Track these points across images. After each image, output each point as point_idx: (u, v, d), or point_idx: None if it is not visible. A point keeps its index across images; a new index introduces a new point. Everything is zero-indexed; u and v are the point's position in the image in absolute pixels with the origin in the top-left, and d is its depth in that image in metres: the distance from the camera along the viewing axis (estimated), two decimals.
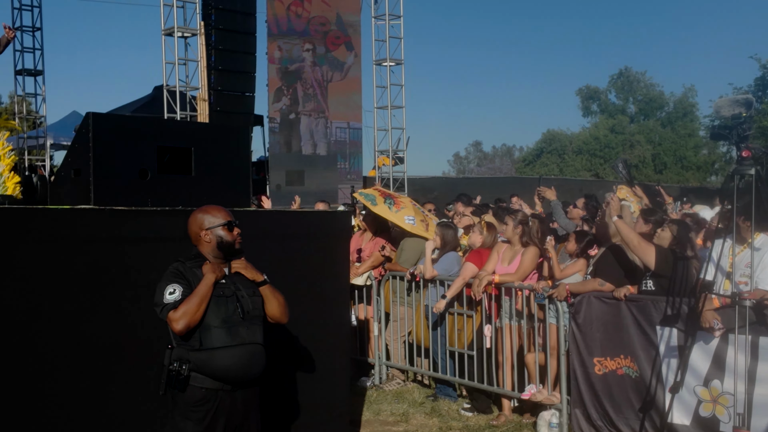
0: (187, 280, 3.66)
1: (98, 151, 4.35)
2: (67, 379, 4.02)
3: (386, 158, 19.13)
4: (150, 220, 4.39)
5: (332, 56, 17.90)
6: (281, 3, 17.00)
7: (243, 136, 5.26)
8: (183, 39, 14.75)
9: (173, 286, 3.62)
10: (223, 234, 3.76)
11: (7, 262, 3.86)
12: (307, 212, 6.40)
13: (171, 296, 3.59)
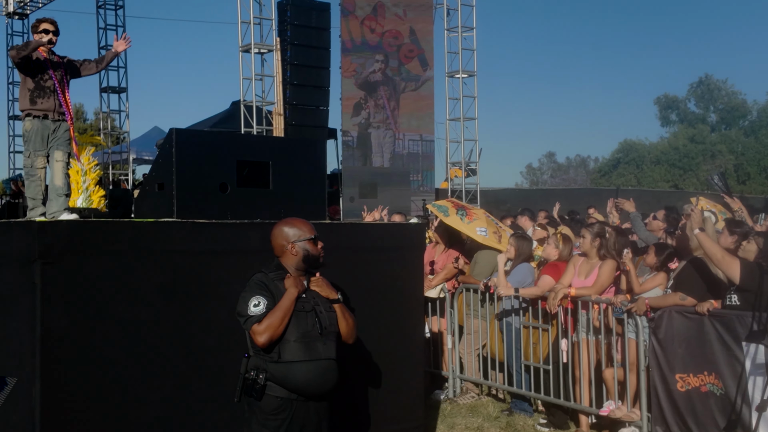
0: (270, 293, 3.70)
1: (181, 166, 4.49)
2: (146, 385, 4.15)
3: (458, 170, 19.08)
4: (229, 232, 4.51)
5: (405, 69, 18.00)
6: (356, 18, 17.20)
7: (319, 149, 5.35)
8: (260, 55, 15.07)
9: (258, 299, 3.67)
10: (309, 247, 3.81)
11: (94, 272, 4.02)
12: (381, 225, 6.45)
13: (255, 308, 3.64)
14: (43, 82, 6.01)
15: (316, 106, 16.44)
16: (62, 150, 6.03)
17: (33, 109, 5.99)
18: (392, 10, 17.75)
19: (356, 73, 17.31)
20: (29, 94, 6.01)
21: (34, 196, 5.96)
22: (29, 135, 6.00)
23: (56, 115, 6.06)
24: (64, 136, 6.09)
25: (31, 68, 6.00)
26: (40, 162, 5.97)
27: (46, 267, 3.83)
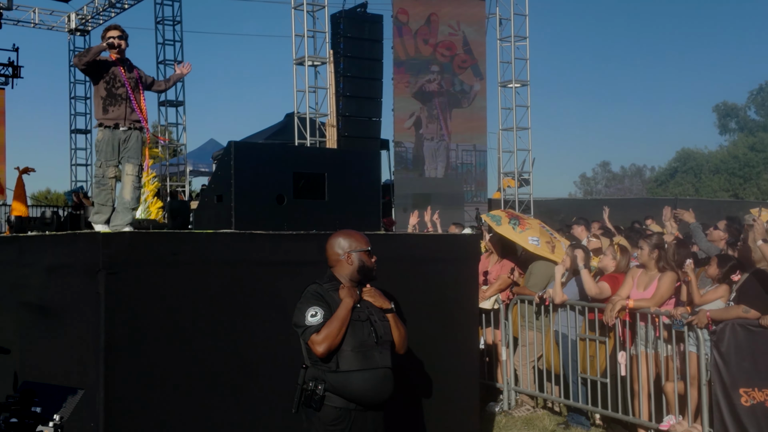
0: (326, 303, 3.75)
1: (239, 178, 4.57)
2: (204, 395, 4.21)
3: (511, 180, 18.96)
4: (286, 243, 4.56)
5: (459, 80, 17.99)
6: (409, 30, 17.26)
7: (374, 161, 5.38)
8: (313, 67, 15.24)
9: (315, 309, 3.71)
10: (364, 259, 3.85)
11: (155, 282, 4.11)
12: (435, 236, 6.45)
13: (313, 319, 3.68)
14: (114, 90, 5.92)
15: (369, 118, 16.54)
16: (133, 163, 5.95)
17: (105, 119, 5.94)
18: (446, 21, 17.77)
19: (410, 84, 17.35)
20: (102, 102, 5.95)
21: (104, 203, 5.89)
22: (100, 145, 5.94)
23: (127, 123, 5.96)
24: (135, 147, 6.00)
25: (101, 75, 5.93)
26: (111, 172, 5.90)
27: (109, 277, 3.93)
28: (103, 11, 21.93)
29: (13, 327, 4.88)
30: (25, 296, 4.73)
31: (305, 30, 14.94)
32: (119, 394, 3.96)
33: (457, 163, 18.06)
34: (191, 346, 4.18)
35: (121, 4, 21.32)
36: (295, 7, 14.99)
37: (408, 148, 17.41)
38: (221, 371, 4.28)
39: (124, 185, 5.98)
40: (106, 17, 22.17)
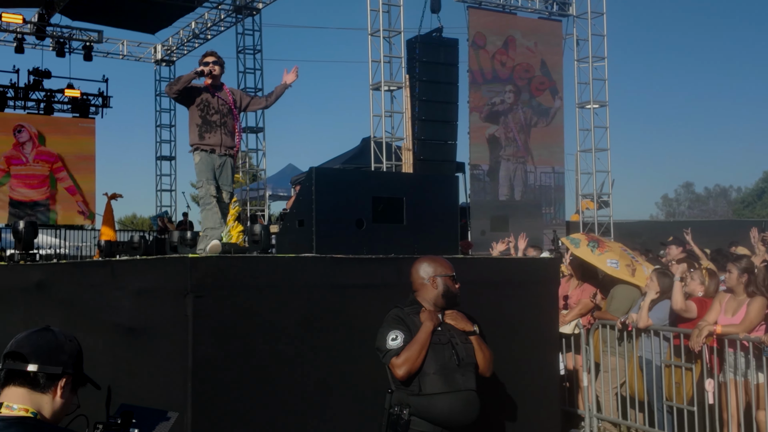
0: (407, 327, 3.80)
1: (320, 203, 4.66)
2: (287, 417, 4.28)
3: (590, 202, 18.63)
4: (366, 267, 4.62)
5: (537, 102, 17.88)
6: (486, 52, 17.26)
7: (451, 184, 5.41)
8: (389, 92, 15.40)
9: (395, 333, 3.77)
10: (449, 284, 3.89)
11: (240, 305, 4.22)
12: (514, 259, 6.41)
13: (393, 342, 3.74)
14: (208, 117, 5.97)
15: (444, 141, 16.58)
16: (226, 191, 6.03)
17: (201, 144, 5.99)
18: (523, 42, 17.71)
19: (487, 107, 17.33)
20: (197, 129, 5.99)
21: (212, 225, 5.92)
22: (199, 166, 5.98)
23: (223, 149, 6.01)
24: (227, 174, 6.05)
25: (194, 101, 5.98)
26: (213, 190, 5.94)
27: (197, 300, 4.06)
28: (188, 42, 22.75)
29: (105, 348, 5.07)
30: (116, 318, 4.92)
31: (381, 56, 15.13)
32: (206, 415, 4.06)
33: (535, 185, 17.89)
34: (274, 368, 4.27)
35: (204, 35, 22.08)
36: (371, 33, 15.21)
37: (485, 170, 17.34)
38: (304, 393, 4.35)
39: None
40: (190, 48, 23.01)
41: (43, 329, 2.41)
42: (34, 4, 19.59)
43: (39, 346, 2.33)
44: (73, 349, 2.40)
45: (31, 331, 2.39)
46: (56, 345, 2.35)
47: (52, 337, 2.37)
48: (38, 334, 2.38)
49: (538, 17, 18.58)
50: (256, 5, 20.38)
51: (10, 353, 2.33)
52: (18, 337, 2.38)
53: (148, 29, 22.42)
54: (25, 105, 21.49)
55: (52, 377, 2.31)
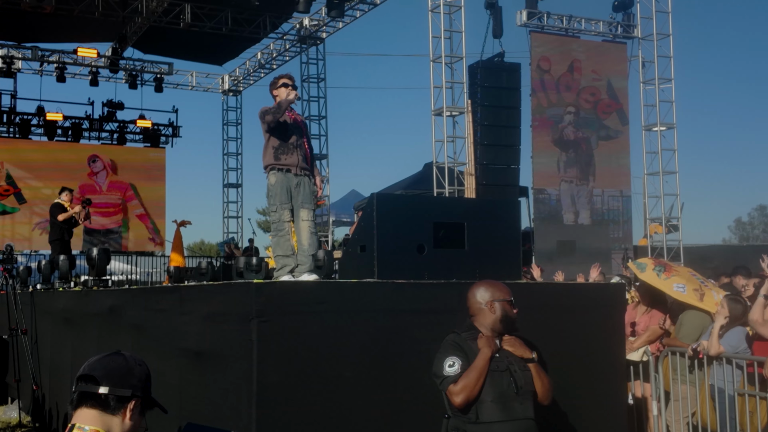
0: (464, 353, 3.75)
1: (381, 229, 4.70)
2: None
3: (659, 226, 18.22)
4: (427, 292, 4.63)
5: (604, 125, 17.67)
6: (551, 76, 17.17)
7: (513, 209, 5.38)
8: (451, 118, 15.45)
9: (452, 359, 3.72)
10: (507, 309, 3.85)
11: (303, 330, 4.27)
12: (578, 284, 6.32)
13: (450, 369, 3.69)
14: (286, 139, 5.95)
15: (507, 165, 16.49)
16: (307, 208, 5.91)
17: (276, 164, 5.94)
18: (589, 67, 17.56)
19: (552, 131, 17.20)
20: (273, 151, 5.96)
21: (285, 253, 5.86)
22: (274, 189, 5.91)
23: (298, 170, 5.95)
24: (307, 192, 5.96)
25: (276, 127, 5.96)
26: (286, 215, 5.87)
27: (262, 325, 4.13)
28: (254, 72, 23.31)
29: (173, 371, 5.20)
30: (184, 343, 5.04)
31: (443, 81, 15.20)
32: None
33: (603, 209, 17.61)
34: (337, 393, 4.30)
35: (269, 65, 22.59)
36: (433, 59, 15.31)
37: (551, 194, 17.17)
38: (366, 418, 4.36)
39: (301, 231, 5.94)
40: (256, 78, 23.56)
41: (115, 353, 2.50)
42: (108, 38, 20.40)
43: (110, 369, 2.42)
44: (143, 373, 2.48)
45: (103, 355, 2.49)
46: (127, 369, 2.44)
47: (123, 361, 2.46)
48: (110, 358, 2.47)
49: (602, 40, 18.41)
50: (319, 35, 20.78)
51: (83, 376, 2.43)
52: (91, 361, 2.47)
53: (216, 61, 23.08)
54: (99, 136, 22.34)
55: (122, 400, 2.39)
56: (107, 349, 2.56)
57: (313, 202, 6.04)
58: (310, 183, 6.02)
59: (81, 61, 20.70)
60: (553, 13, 17.63)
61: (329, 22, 20.03)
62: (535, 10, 17.14)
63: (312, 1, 15.73)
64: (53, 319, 8.68)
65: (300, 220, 5.95)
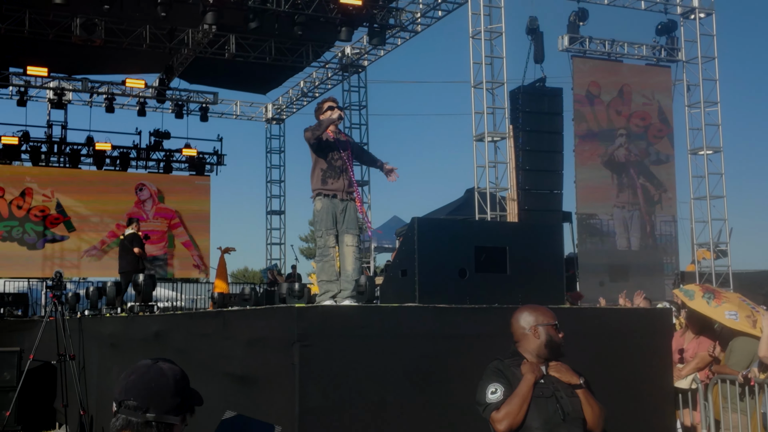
0: (507, 379, 3.68)
1: (422, 253, 4.70)
2: None
3: (706, 252, 17.85)
4: (469, 317, 4.61)
5: (654, 149, 17.48)
6: (601, 101, 17.04)
7: (555, 233, 5.34)
8: (493, 143, 15.42)
9: (495, 386, 3.66)
10: (551, 333, 3.78)
11: (345, 355, 4.28)
12: (623, 309, 6.22)
13: (493, 396, 3.64)
14: (333, 162, 6.00)
15: (550, 190, 16.38)
16: (353, 234, 5.94)
17: (323, 189, 5.99)
18: (639, 90, 17.42)
19: (601, 155, 17.05)
20: (321, 174, 6.00)
21: (329, 278, 5.89)
22: (320, 215, 5.96)
23: (344, 195, 6.00)
24: (353, 217, 6.00)
25: (321, 148, 6.03)
26: (332, 241, 5.90)
27: (303, 349, 4.15)
28: (297, 100, 23.62)
29: (217, 395, 5.24)
30: (228, 367, 5.08)
31: (485, 107, 15.20)
32: None
33: (655, 233, 17.36)
34: (378, 418, 4.29)
35: (312, 93, 22.87)
36: (474, 85, 15.35)
37: (602, 219, 16.97)
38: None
39: (346, 256, 5.97)
40: (299, 106, 23.86)
41: (152, 367, 2.44)
42: (155, 69, 20.89)
43: (155, 392, 2.38)
44: (183, 385, 2.45)
45: (142, 373, 2.43)
46: (169, 389, 2.41)
47: (165, 380, 2.42)
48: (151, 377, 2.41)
49: (646, 63, 18.26)
50: (361, 62, 21.00)
51: (125, 402, 2.38)
52: (130, 379, 2.42)
53: (260, 90, 23.44)
54: (146, 164, 22.79)
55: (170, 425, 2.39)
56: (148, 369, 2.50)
57: (358, 227, 6.09)
58: (355, 208, 6.07)
59: (129, 91, 21.20)
60: (595, 38, 17.57)
61: (371, 50, 20.23)
62: (577, 35, 17.10)
63: (354, 30, 15.90)
64: (100, 345, 8.83)
65: (345, 246, 5.98)
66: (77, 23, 15.66)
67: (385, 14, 15.69)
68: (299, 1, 14.43)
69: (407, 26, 18.23)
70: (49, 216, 21.24)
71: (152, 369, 2.45)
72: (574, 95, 16.80)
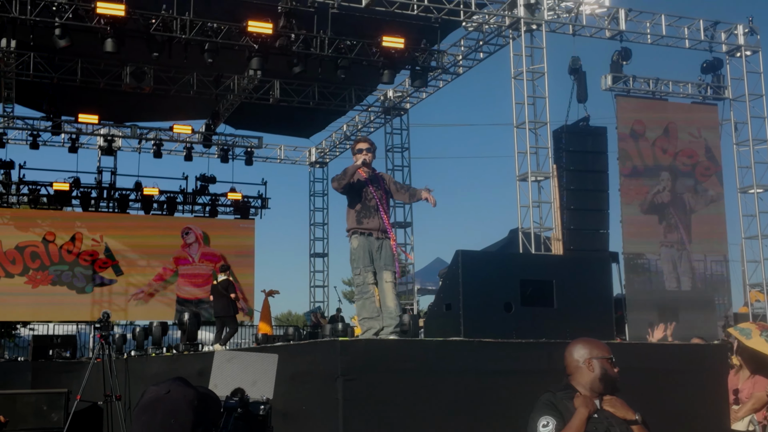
0: (559, 412, 3.60)
1: (467, 286, 4.64)
2: None
3: (759, 293, 17.34)
4: (516, 351, 4.51)
5: (702, 188, 17.15)
6: (647, 140, 16.86)
7: (603, 268, 5.24)
8: (536, 183, 15.32)
9: (546, 419, 3.58)
10: (606, 367, 3.68)
11: (388, 389, 4.22)
12: (675, 345, 6.04)
13: (545, 429, 3.55)
14: (367, 202, 6.14)
15: (596, 230, 16.15)
16: (390, 270, 6.00)
17: (358, 228, 6.11)
18: (685, 128, 17.20)
19: (648, 194, 16.80)
20: (356, 215, 6.14)
21: (370, 315, 5.89)
22: (357, 252, 6.06)
23: (379, 233, 6.10)
24: (389, 255, 6.08)
25: (353, 189, 6.16)
26: (370, 278, 5.96)
27: (347, 383, 4.10)
28: (340, 144, 23.86)
29: None
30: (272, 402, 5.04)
31: (528, 147, 15.15)
32: None
33: (705, 274, 16.94)
34: None
35: (355, 137, 23.07)
36: (517, 126, 15.32)
37: (650, 259, 16.63)
38: None
39: (386, 293, 5.98)
40: (342, 149, 24.07)
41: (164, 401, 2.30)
42: (202, 115, 21.34)
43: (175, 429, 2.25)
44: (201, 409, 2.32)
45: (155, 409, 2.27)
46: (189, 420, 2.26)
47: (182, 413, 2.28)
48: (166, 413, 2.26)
49: (691, 101, 18.05)
50: (403, 105, 21.17)
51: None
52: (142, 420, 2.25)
53: (303, 134, 23.75)
54: (193, 209, 23.12)
55: None
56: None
57: (395, 264, 6.13)
58: (390, 246, 6.14)
59: (176, 137, 21.64)
60: (639, 76, 17.46)
61: (413, 92, 20.40)
62: (620, 74, 17.01)
63: (396, 72, 16.07)
64: (146, 385, 8.86)
65: (384, 282, 6.01)
66: (127, 71, 16.12)
67: (426, 56, 15.81)
68: (342, 45, 14.64)
69: (449, 68, 18.35)
70: (98, 260, 21.62)
71: (165, 404, 2.32)
72: (618, 134, 16.64)
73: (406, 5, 14.99)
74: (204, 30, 13.71)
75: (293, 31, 13.96)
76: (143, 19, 13.21)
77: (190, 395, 2.36)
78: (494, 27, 16.67)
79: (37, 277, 20.92)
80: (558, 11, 16.19)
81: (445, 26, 15.92)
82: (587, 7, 16.29)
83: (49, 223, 21.41)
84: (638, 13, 16.72)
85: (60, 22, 12.59)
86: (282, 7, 13.79)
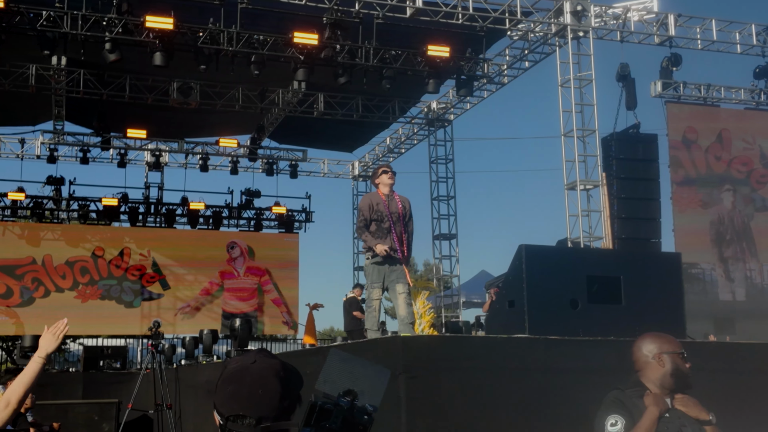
0: (628, 411, 3.43)
1: (531, 282, 4.49)
2: None
3: None
4: (583, 349, 4.34)
5: (759, 196, 16.70)
6: (699, 147, 16.50)
7: (674, 264, 5.03)
8: (585, 192, 15.04)
9: (615, 417, 3.42)
10: (678, 362, 3.50)
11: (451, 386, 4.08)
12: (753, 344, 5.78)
13: (613, 428, 3.39)
14: (382, 224, 6.65)
15: (647, 239, 15.78)
16: (402, 282, 6.50)
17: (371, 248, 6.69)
18: (739, 135, 16.80)
19: (702, 203, 16.41)
20: (371, 236, 6.69)
21: (371, 327, 6.41)
22: (367, 269, 6.66)
23: (392, 253, 6.59)
24: (401, 271, 6.58)
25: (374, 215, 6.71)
26: (375, 294, 6.49)
27: (409, 381, 3.98)
28: (383, 157, 23.80)
29: None
30: None
31: (576, 155, 14.91)
32: None
33: (762, 284, 16.44)
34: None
35: (398, 149, 23.04)
36: (564, 134, 15.10)
37: (705, 269, 16.20)
38: None
39: (399, 303, 6.46)
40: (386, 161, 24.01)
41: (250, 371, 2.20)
42: (247, 130, 21.49)
43: (261, 399, 2.16)
44: (288, 380, 2.23)
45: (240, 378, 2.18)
46: (277, 390, 2.18)
47: (270, 382, 2.19)
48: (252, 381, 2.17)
49: (745, 107, 17.62)
50: (447, 117, 21.05)
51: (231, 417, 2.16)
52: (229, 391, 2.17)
53: (346, 148, 23.78)
54: (238, 223, 23.26)
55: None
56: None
57: (407, 278, 6.60)
58: (400, 264, 6.64)
59: (222, 151, 21.83)
60: (690, 83, 17.11)
61: (456, 103, 20.28)
62: (670, 80, 16.69)
63: (441, 82, 15.95)
64: (196, 393, 8.84)
65: (397, 294, 6.49)
66: (174, 87, 16.30)
67: (472, 65, 15.69)
68: (387, 55, 14.59)
69: (494, 78, 18.20)
70: (146, 275, 21.83)
71: (252, 373, 2.21)
72: (669, 141, 16.30)
73: (450, 14, 14.90)
74: (250, 42, 13.78)
75: (338, 42, 13.96)
76: (191, 33, 13.34)
77: (277, 365, 2.25)
78: (539, 35, 16.49)
79: (87, 292, 21.18)
80: (605, 18, 15.95)
81: (490, 35, 15.77)
82: (635, 13, 16.03)
83: (99, 238, 21.71)
84: (688, 18, 16.40)
85: (110, 37, 12.76)
86: (327, 19, 13.80)
